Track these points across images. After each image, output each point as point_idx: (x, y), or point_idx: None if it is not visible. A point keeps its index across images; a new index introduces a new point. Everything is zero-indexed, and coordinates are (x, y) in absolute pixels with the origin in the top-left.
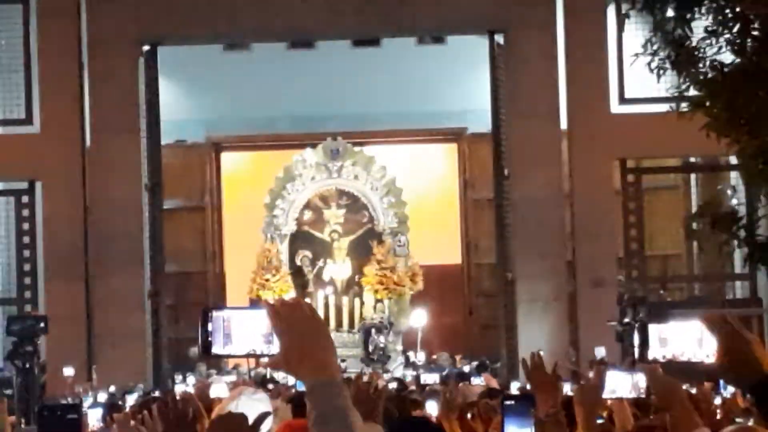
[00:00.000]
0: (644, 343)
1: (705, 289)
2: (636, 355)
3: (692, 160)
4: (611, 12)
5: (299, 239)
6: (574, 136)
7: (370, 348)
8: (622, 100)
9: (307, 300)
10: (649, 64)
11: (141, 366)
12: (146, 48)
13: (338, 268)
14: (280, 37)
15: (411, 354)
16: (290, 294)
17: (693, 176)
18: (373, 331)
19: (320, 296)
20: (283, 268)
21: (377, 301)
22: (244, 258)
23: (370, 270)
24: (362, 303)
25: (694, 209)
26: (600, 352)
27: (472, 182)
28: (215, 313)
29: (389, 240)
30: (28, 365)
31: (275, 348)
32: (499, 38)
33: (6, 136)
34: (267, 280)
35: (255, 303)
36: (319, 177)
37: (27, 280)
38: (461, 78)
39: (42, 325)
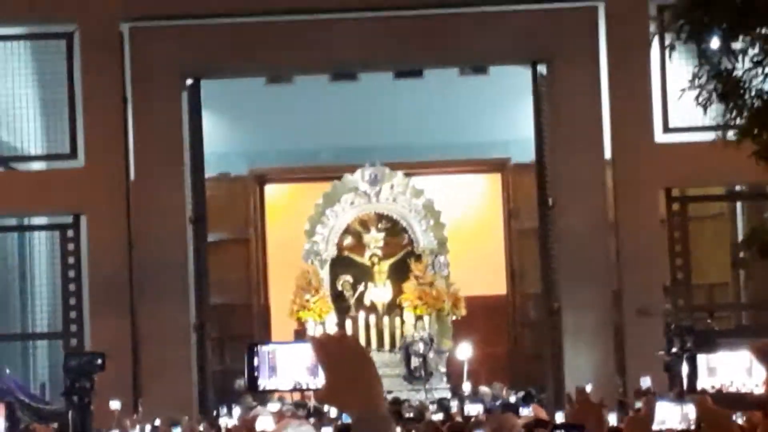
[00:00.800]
0: (693, 374)
1: (753, 317)
2: (685, 385)
3: (737, 188)
4: (655, 42)
5: (340, 264)
6: (619, 165)
7: (412, 366)
8: (666, 129)
9: (349, 323)
10: (697, 97)
11: (187, 398)
12: (189, 81)
13: (379, 291)
14: (323, 70)
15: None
16: (331, 315)
17: (738, 204)
18: (413, 347)
19: (361, 318)
20: (323, 290)
21: (417, 318)
22: (289, 289)
23: (409, 286)
24: (403, 322)
25: (739, 237)
26: (645, 382)
27: (516, 212)
28: (261, 348)
29: (428, 258)
30: (85, 401)
31: (320, 381)
32: (542, 68)
33: (51, 170)
34: (307, 300)
35: (300, 336)
36: (358, 202)
37: (72, 314)
38: (504, 108)
39: (99, 361)
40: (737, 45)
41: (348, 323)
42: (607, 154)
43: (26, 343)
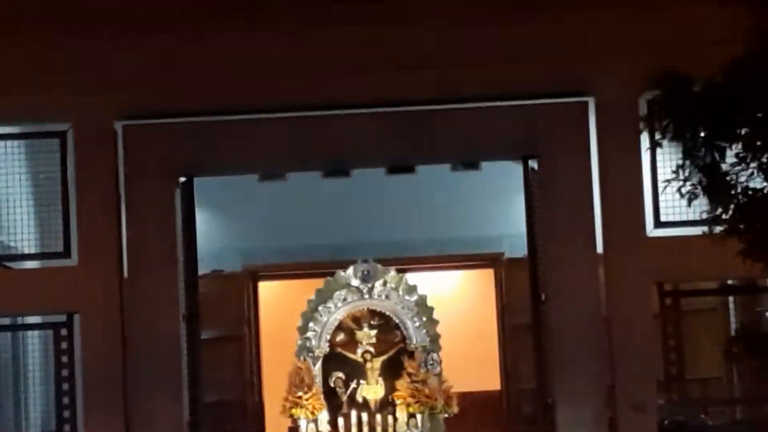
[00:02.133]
0: None
1: (747, 412)
2: None
3: (730, 282)
4: (645, 137)
5: (332, 361)
6: (610, 259)
7: None
8: (658, 223)
9: (341, 420)
10: (679, 189)
11: None
12: (182, 179)
13: (371, 388)
14: (316, 166)
15: None
16: (323, 413)
17: (731, 298)
18: None
19: (354, 416)
20: (316, 387)
21: (410, 416)
22: (282, 387)
23: (402, 384)
24: (395, 420)
25: (733, 331)
26: None
27: (510, 307)
28: None
29: (421, 355)
30: None
31: None
32: (533, 163)
33: (44, 269)
34: (299, 397)
35: None
36: (351, 298)
37: (66, 414)
38: (497, 203)
39: None
40: (721, 142)
41: (340, 421)
42: (599, 248)
43: None
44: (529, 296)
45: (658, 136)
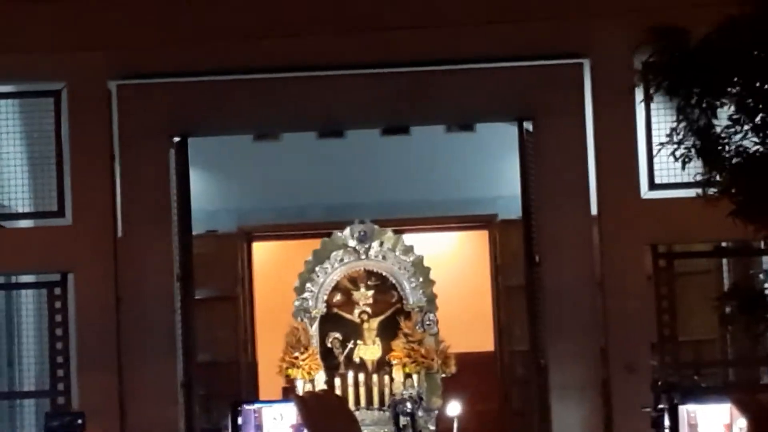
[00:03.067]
0: (674, 426)
1: (739, 374)
2: None
3: (724, 244)
4: (639, 98)
5: (329, 321)
6: (605, 221)
7: (401, 424)
8: (652, 185)
9: (338, 380)
10: (673, 153)
11: None
12: (176, 139)
13: (368, 348)
14: (310, 127)
15: None
16: (320, 373)
17: (725, 261)
18: (401, 406)
19: (350, 376)
20: (313, 347)
21: (407, 376)
22: (276, 347)
23: (398, 344)
24: (392, 380)
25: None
26: None
27: (504, 269)
28: (246, 407)
29: (417, 315)
30: None
31: None
32: (528, 125)
33: (38, 228)
34: (296, 357)
35: (288, 393)
36: (348, 259)
37: (60, 373)
38: (491, 165)
39: (80, 421)
40: (715, 102)
41: (337, 381)
42: (594, 210)
43: (13, 402)
44: (523, 258)
45: (651, 92)
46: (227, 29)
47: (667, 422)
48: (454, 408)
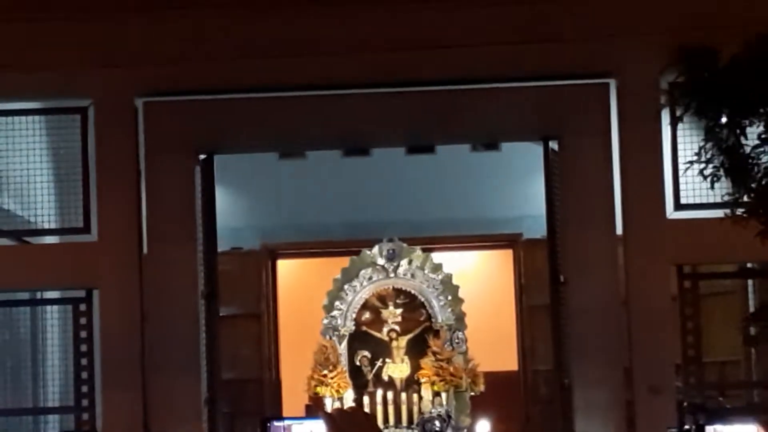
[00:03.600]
0: None
1: (764, 395)
2: None
3: (749, 265)
4: (665, 118)
5: (358, 339)
6: (630, 241)
7: None
8: (678, 206)
9: (367, 399)
10: (701, 171)
11: None
12: (203, 156)
13: (397, 367)
14: (335, 145)
15: None
16: (349, 391)
17: (750, 282)
18: (430, 424)
19: (379, 394)
20: (341, 365)
21: (435, 394)
22: (300, 365)
23: (427, 362)
24: (420, 398)
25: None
26: None
27: (528, 288)
28: (275, 423)
29: (445, 333)
30: None
31: None
32: (554, 145)
33: (64, 244)
34: (324, 375)
35: (311, 410)
36: (376, 277)
37: (84, 389)
38: (516, 184)
39: None
40: (744, 122)
41: (366, 399)
42: (619, 230)
43: (38, 418)
44: (548, 277)
45: (679, 113)
46: (254, 47)
47: None
48: (483, 427)
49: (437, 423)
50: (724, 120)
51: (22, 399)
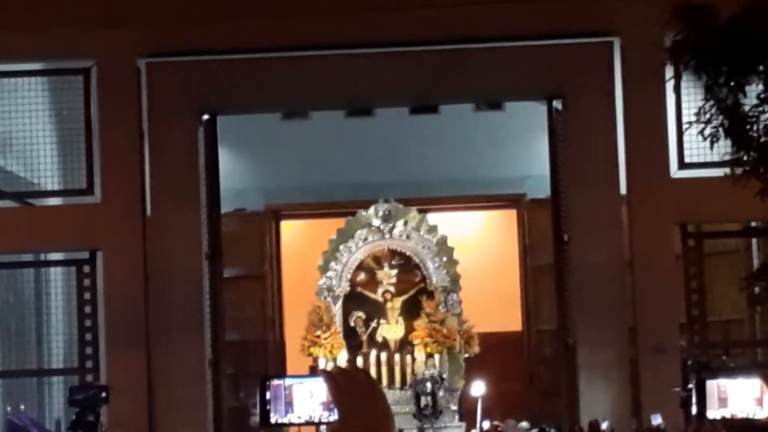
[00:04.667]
0: (702, 401)
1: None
2: (694, 412)
3: (753, 224)
4: (669, 78)
5: (353, 300)
6: (634, 201)
7: (422, 404)
8: (682, 164)
9: (360, 359)
10: (702, 131)
11: None
12: (206, 117)
13: (391, 328)
14: (338, 105)
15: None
16: (342, 352)
17: (754, 240)
18: (421, 386)
19: (373, 355)
20: (335, 326)
21: (428, 356)
22: (303, 326)
23: (420, 324)
24: (413, 359)
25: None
26: (656, 419)
27: (532, 248)
28: (275, 382)
29: (439, 295)
30: None
31: (335, 416)
32: (558, 104)
33: (67, 206)
34: (318, 336)
35: (314, 371)
36: (372, 238)
37: (88, 350)
38: (520, 144)
39: (104, 395)
40: (743, 80)
41: (359, 360)
42: (623, 190)
43: (42, 379)
44: (552, 237)
45: (680, 69)
46: (256, 7)
47: (694, 399)
48: (477, 388)
49: (428, 385)
50: (723, 79)
51: (27, 361)
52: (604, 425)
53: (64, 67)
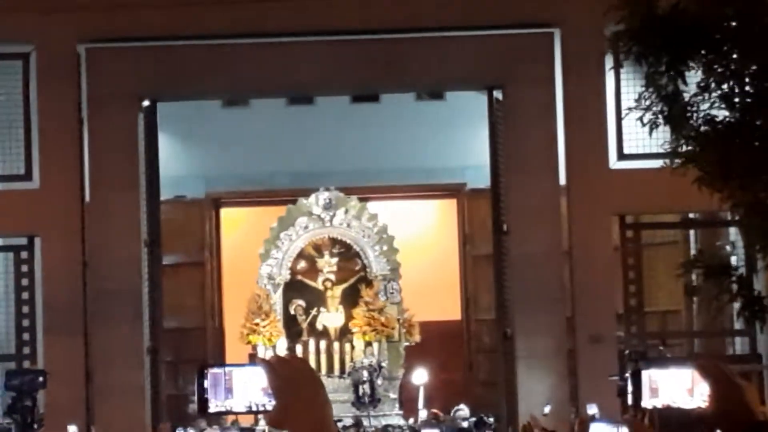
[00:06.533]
0: (637, 391)
1: (705, 345)
2: (629, 401)
3: (691, 215)
4: (609, 68)
5: (293, 288)
6: (573, 191)
7: (360, 392)
8: (621, 155)
9: (300, 347)
10: (641, 118)
11: (140, 422)
12: (145, 104)
13: (331, 316)
14: (279, 93)
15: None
16: (281, 340)
17: (692, 232)
18: (358, 374)
19: (312, 343)
20: (274, 314)
21: (367, 344)
22: (243, 313)
23: (359, 312)
24: (352, 347)
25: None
26: (592, 408)
27: (471, 238)
28: (213, 370)
29: (378, 283)
30: (28, 419)
31: (273, 403)
32: (498, 94)
33: (5, 191)
34: (257, 324)
35: (253, 359)
36: (312, 226)
37: (26, 336)
38: (460, 134)
39: (41, 379)
40: (684, 69)
41: (299, 348)
42: (562, 180)
43: None
44: (491, 227)
45: (621, 58)
46: None
47: (630, 388)
48: (420, 376)
49: (365, 373)
50: (663, 67)
51: None
52: (546, 409)
53: (3, 51)
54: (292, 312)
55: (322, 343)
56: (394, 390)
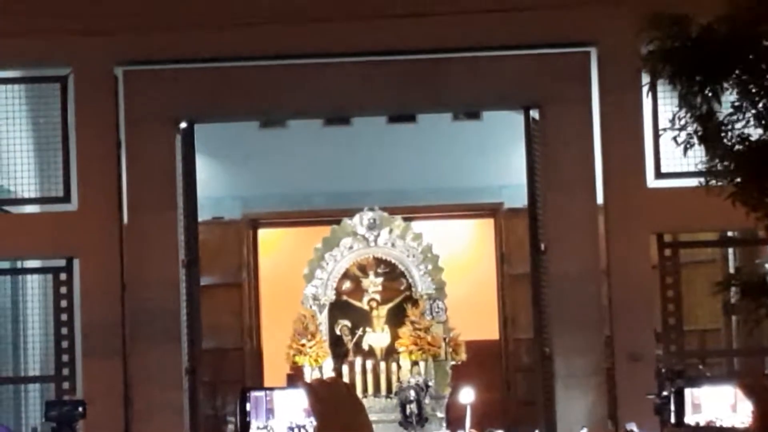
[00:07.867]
0: (680, 409)
1: (744, 363)
2: (672, 420)
3: (729, 233)
4: (646, 87)
5: (338, 309)
6: (611, 210)
7: (407, 411)
8: (659, 174)
9: (346, 368)
10: (675, 138)
11: None
12: (183, 125)
13: (377, 336)
14: (316, 114)
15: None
16: (328, 360)
17: (731, 250)
18: (405, 393)
19: (358, 363)
20: (320, 334)
21: (413, 363)
22: (281, 334)
23: (405, 332)
24: (399, 367)
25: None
26: (631, 426)
27: (509, 257)
28: (254, 393)
29: (424, 303)
30: None
31: (315, 425)
32: (535, 114)
33: (44, 214)
34: (303, 345)
35: (292, 380)
36: (357, 246)
37: (65, 358)
38: (497, 154)
39: (80, 409)
40: (717, 89)
41: (345, 368)
42: (600, 199)
43: (18, 387)
44: (529, 246)
45: (655, 78)
46: (236, 16)
47: (672, 406)
48: (467, 395)
49: (412, 393)
50: (697, 87)
51: (3, 369)
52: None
53: (41, 74)
54: (338, 332)
55: (369, 363)
56: (441, 409)
